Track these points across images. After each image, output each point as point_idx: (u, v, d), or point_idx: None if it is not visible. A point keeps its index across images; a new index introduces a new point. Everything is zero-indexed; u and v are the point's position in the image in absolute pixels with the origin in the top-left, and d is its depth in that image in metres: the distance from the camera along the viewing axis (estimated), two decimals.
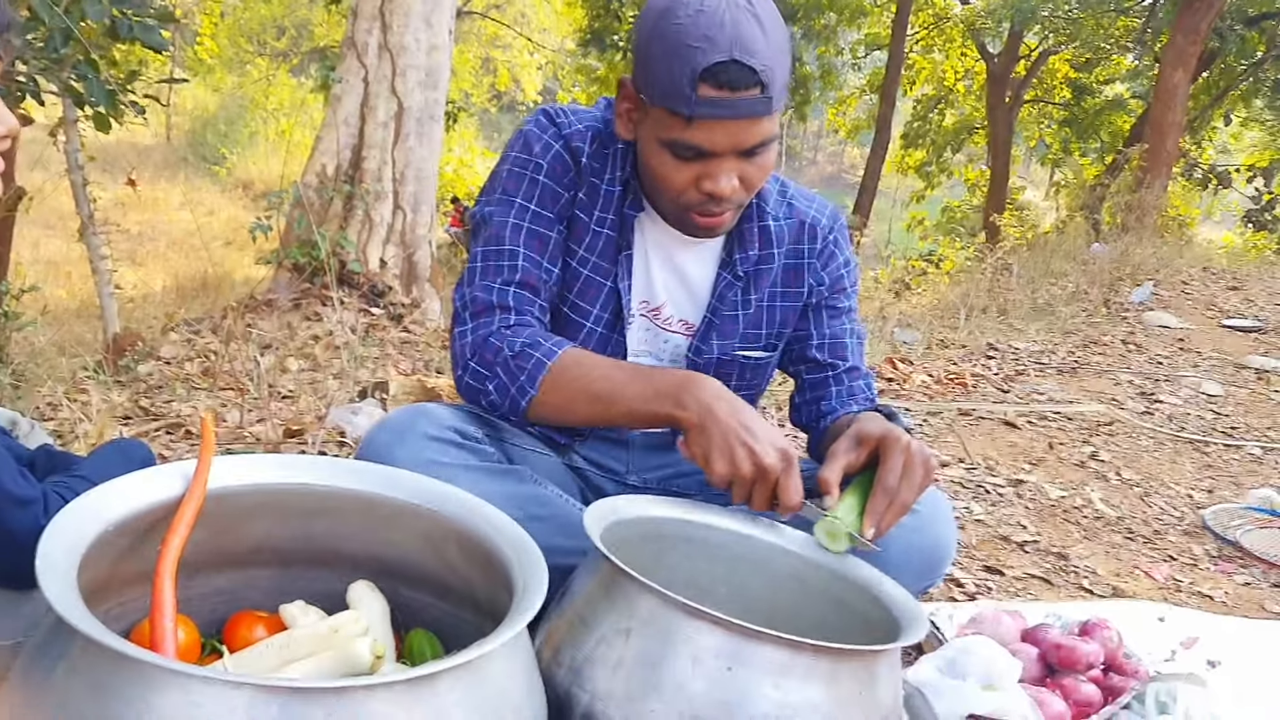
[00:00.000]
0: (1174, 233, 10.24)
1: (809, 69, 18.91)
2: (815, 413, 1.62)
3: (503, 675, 0.90)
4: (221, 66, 24.25)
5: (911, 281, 9.90)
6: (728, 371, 1.59)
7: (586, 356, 1.38)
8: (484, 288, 1.42)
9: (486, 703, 0.86)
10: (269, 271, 5.76)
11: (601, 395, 1.33)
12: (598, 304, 1.51)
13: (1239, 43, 12.57)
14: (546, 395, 1.35)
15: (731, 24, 1.25)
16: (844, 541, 1.25)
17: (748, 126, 1.29)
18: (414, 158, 6.21)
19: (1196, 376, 4.35)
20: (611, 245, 1.50)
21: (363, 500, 1.14)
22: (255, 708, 0.74)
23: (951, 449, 3.04)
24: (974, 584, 2.07)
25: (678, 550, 1.32)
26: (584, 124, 1.49)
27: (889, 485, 1.26)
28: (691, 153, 1.31)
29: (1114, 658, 1.61)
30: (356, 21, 6.06)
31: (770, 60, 1.27)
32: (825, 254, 1.60)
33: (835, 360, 1.61)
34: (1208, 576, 2.25)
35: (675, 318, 1.57)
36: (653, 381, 1.31)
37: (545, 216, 1.46)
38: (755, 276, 1.56)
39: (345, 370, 3.44)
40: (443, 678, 0.82)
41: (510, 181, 1.47)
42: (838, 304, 1.63)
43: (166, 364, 3.71)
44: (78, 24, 3.85)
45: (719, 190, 1.33)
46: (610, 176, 1.48)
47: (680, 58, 1.26)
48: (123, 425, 2.81)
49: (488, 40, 24.60)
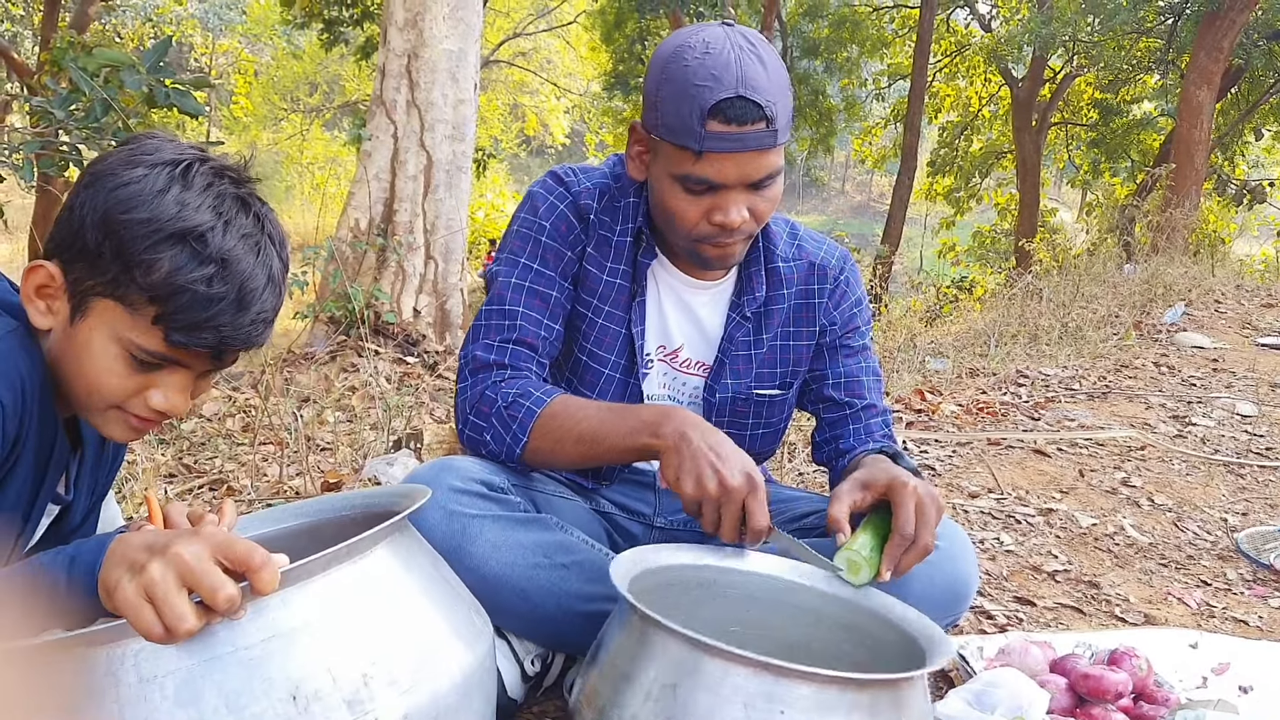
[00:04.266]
0: (1208, 250, 10.14)
1: (833, 101, 19.03)
2: (834, 451, 1.66)
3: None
4: (256, 124, 24.81)
5: (943, 309, 9.88)
6: (743, 410, 1.64)
7: (574, 402, 1.43)
8: (484, 346, 1.49)
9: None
10: (306, 325, 5.88)
11: (586, 436, 1.38)
12: (614, 351, 1.57)
13: (1265, 58, 12.50)
14: (537, 441, 1.42)
15: (737, 64, 1.32)
16: (865, 574, 1.28)
17: (755, 159, 1.36)
18: (444, 209, 6.34)
19: (1230, 397, 4.31)
20: (625, 293, 1.56)
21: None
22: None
23: (981, 479, 3.05)
24: (1005, 615, 2.08)
25: (713, 597, 1.35)
26: (592, 182, 1.57)
27: (906, 533, 1.28)
28: (702, 186, 1.38)
29: (1144, 686, 1.62)
30: (384, 80, 6.21)
31: (774, 96, 1.34)
32: (837, 294, 1.66)
33: (852, 399, 1.66)
34: (1241, 601, 2.24)
35: (692, 360, 1.62)
36: (634, 417, 1.37)
37: (548, 276, 1.53)
38: (766, 316, 1.62)
39: (381, 421, 3.52)
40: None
41: (516, 241, 1.55)
42: (851, 343, 1.68)
43: (208, 420, 3.81)
44: (116, 94, 3.99)
45: (729, 222, 1.39)
46: (621, 229, 1.55)
47: (689, 96, 1.33)
48: (167, 483, 2.89)
49: (515, 87, 25.00)
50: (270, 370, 4.05)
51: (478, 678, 0.99)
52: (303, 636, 0.87)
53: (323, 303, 5.91)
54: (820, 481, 2.97)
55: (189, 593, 0.83)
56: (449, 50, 6.16)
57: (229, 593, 0.82)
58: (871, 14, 18.50)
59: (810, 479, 3.05)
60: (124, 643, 0.83)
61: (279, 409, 3.66)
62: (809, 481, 3.03)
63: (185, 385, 1.09)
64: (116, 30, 14.81)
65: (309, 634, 0.87)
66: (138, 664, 0.83)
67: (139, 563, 0.83)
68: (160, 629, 0.81)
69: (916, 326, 7.43)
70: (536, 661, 1.47)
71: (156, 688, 0.83)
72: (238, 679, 0.84)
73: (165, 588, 0.81)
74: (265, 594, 0.84)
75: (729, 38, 1.35)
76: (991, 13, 18.29)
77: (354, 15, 10.34)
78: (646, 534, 1.68)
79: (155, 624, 0.81)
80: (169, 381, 1.07)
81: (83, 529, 1.28)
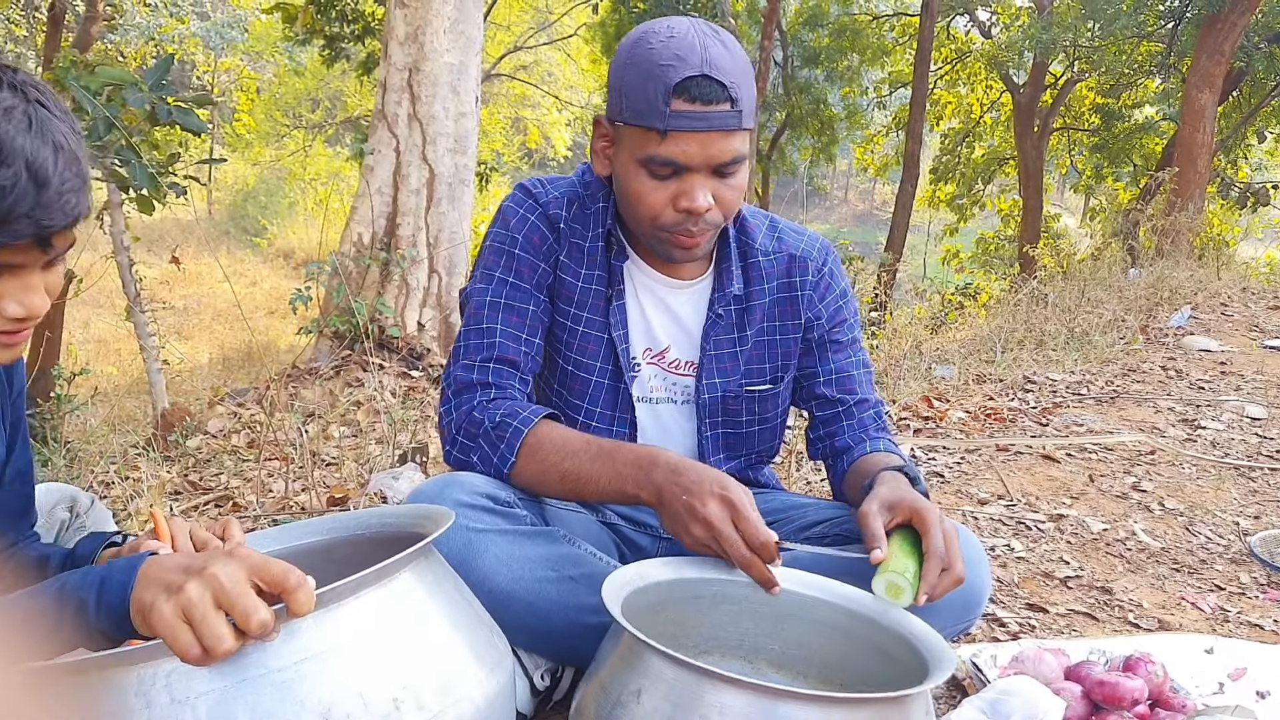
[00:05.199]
0: (1213, 254, 10.11)
1: (834, 110, 19.05)
2: (830, 448, 1.67)
3: None
4: (259, 141, 24.91)
5: (948, 316, 9.87)
6: (735, 407, 1.63)
7: (557, 433, 1.42)
8: (465, 367, 1.49)
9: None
10: (311, 340, 5.88)
11: (569, 475, 1.38)
12: (599, 357, 1.57)
13: (1266, 60, 12.49)
14: (524, 464, 1.41)
15: (701, 46, 1.33)
16: (907, 597, 1.27)
17: (719, 140, 1.35)
18: (447, 222, 6.34)
19: (1239, 400, 4.29)
20: (602, 298, 1.56)
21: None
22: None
23: (990, 486, 3.03)
24: (1017, 623, 2.06)
25: (720, 609, 1.34)
26: (560, 191, 1.57)
27: (941, 555, 1.28)
28: (667, 169, 1.37)
29: (1160, 692, 1.60)
30: (386, 94, 6.22)
31: (738, 79, 1.34)
32: (821, 286, 1.65)
33: (844, 395, 1.66)
34: (1256, 605, 2.22)
35: (681, 360, 1.62)
36: (614, 462, 1.35)
37: (523, 290, 1.52)
38: (748, 312, 1.61)
39: (386, 435, 3.51)
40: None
41: (490, 256, 1.55)
42: (839, 338, 1.67)
43: (214, 437, 3.80)
44: (119, 112, 4.00)
45: (695, 206, 1.38)
46: (593, 234, 1.55)
47: (654, 77, 1.33)
48: (172, 500, 2.88)
49: (517, 100, 25.06)
50: (275, 386, 4.05)
51: (500, 703, 0.99)
52: (334, 659, 0.87)
53: (327, 318, 5.91)
54: (828, 490, 2.95)
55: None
56: (450, 64, 6.17)
57: (262, 618, 0.82)
58: (871, 22, 18.52)
59: (818, 487, 3.03)
60: (156, 663, 0.83)
61: (284, 424, 3.65)
62: (816, 489, 3.01)
63: (33, 284, 1.03)
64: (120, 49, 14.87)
65: (340, 657, 0.87)
66: (170, 685, 0.83)
67: (175, 584, 0.83)
68: (198, 650, 0.81)
69: (922, 333, 7.40)
70: (546, 676, 1.46)
71: (189, 709, 0.83)
72: (270, 701, 0.83)
73: (204, 609, 0.81)
74: (301, 615, 0.84)
75: (693, 25, 1.37)
76: (992, 19, 18.30)
77: (355, 31, 10.37)
78: (654, 545, 1.66)
79: (193, 645, 0.81)
80: (14, 287, 1.02)
81: (12, 464, 1.25)
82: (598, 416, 1.60)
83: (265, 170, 25.20)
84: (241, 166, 25.00)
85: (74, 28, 10.58)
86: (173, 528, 1.21)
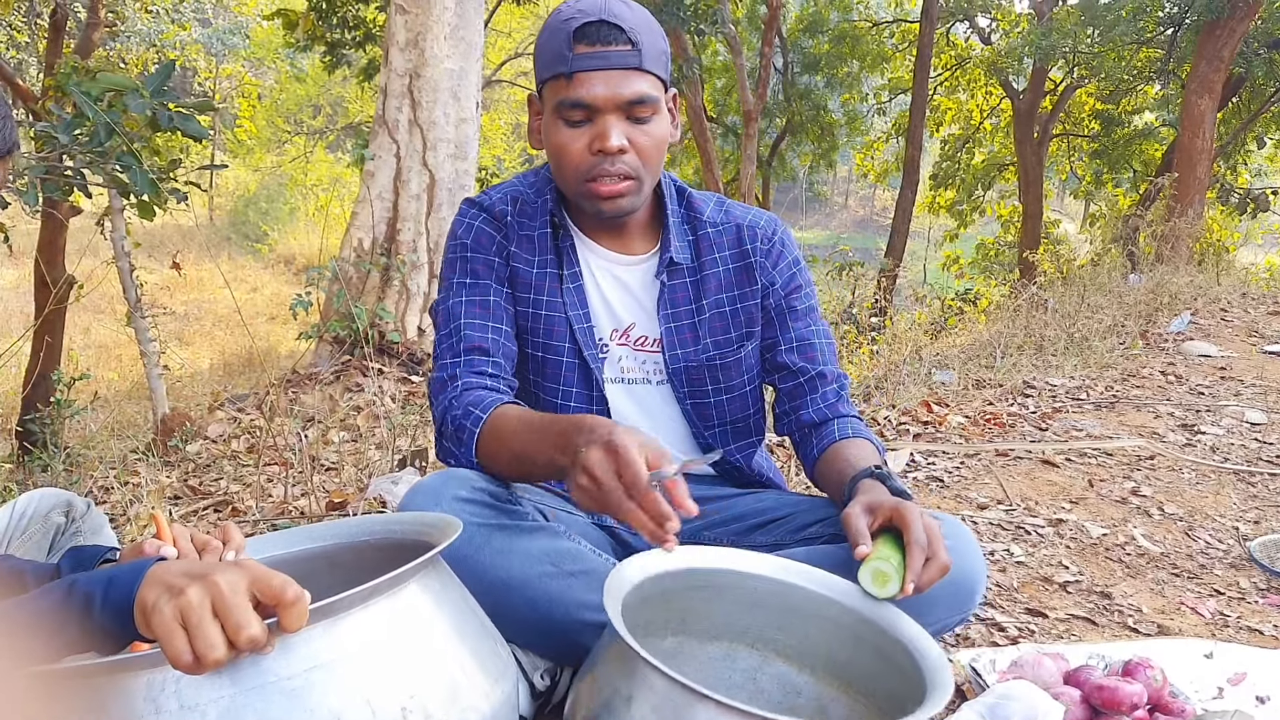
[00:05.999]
0: (1212, 259, 10.13)
1: (834, 116, 19.09)
2: (796, 423, 1.69)
3: None
4: (260, 147, 24.95)
5: (948, 321, 9.87)
6: (699, 377, 1.65)
7: (506, 416, 1.42)
8: (440, 367, 1.54)
9: None
10: (311, 345, 5.89)
11: (518, 455, 1.37)
12: (565, 339, 1.60)
13: (1265, 66, 12.51)
14: (484, 451, 1.43)
15: (603, 3, 1.43)
16: (893, 586, 1.26)
17: (622, 78, 1.43)
18: (447, 227, 6.33)
19: (1239, 405, 4.29)
20: (556, 280, 1.60)
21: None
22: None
23: (990, 490, 3.03)
24: (1016, 627, 2.06)
25: (726, 599, 1.34)
26: (502, 192, 1.65)
27: (922, 543, 1.27)
28: (579, 112, 1.45)
29: (1159, 697, 1.60)
30: (387, 100, 6.23)
31: (637, 26, 1.44)
32: (774, 254, 1.68)
33: (806, 364, 1.67)
34: (1256, 610, 2.21)
35: (647, 338, 1.65)
36: (548, 434, 1.30)
37: (482, 284, 1.58)
38: (702, 283, 1.64)
39: (385, 440, 3.51)
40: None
41: (447, 269, 1.62)
42: (796, 304, 1.69)
43: (213, 442, 3.80)
44: (120, 118, 4.00)
45: (608, 146, 1.44)
46: (540, 222, 1.61)
47: (558, 30, 1.44)
48: (172, 505, 2.88)
49: (518, 106, 25.11)
50: (275, 391, 4.05)
51: (504, 713, 1.00)
52: (343, 668, 0.87)
53: (327, 323, 5.91)
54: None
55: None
56: (450, 70, 6.18)
57: (251, 633, 0.82)
58: (871, 29, 18.57)
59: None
60: (166, 669, 0.83)
61: (284, 429, 3.66)
62: (815, 490, 3.01)
63: None
64: (121, 56, 14.89)
65: (348, 666, 0.87)
66: (179, 691, 0.83)
67: (178, 587, 0.84)
68: (190, 656, 0.81)
69: (922, 339, 7.41)
70: (545, 676, 1.45)
71: (198, 716, 0.83)
72: (279, 709, 0.84)
73: (201, 615, 0.82)
74: (292, 631, 0.85)
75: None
76: (991, 26, 18.33)
77: (356, 37, 10.39)
78: (648, 546, 1.66)
79: (185, 651, 0.81)
80: None
81: None
82: (574, 397, 1.63)
83: (266, 176, 25.23)
84: (243, 172, 25.04)
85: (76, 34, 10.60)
86: (174, 531, 1.21)
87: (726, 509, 1.68)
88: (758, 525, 1.64)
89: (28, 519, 1.45)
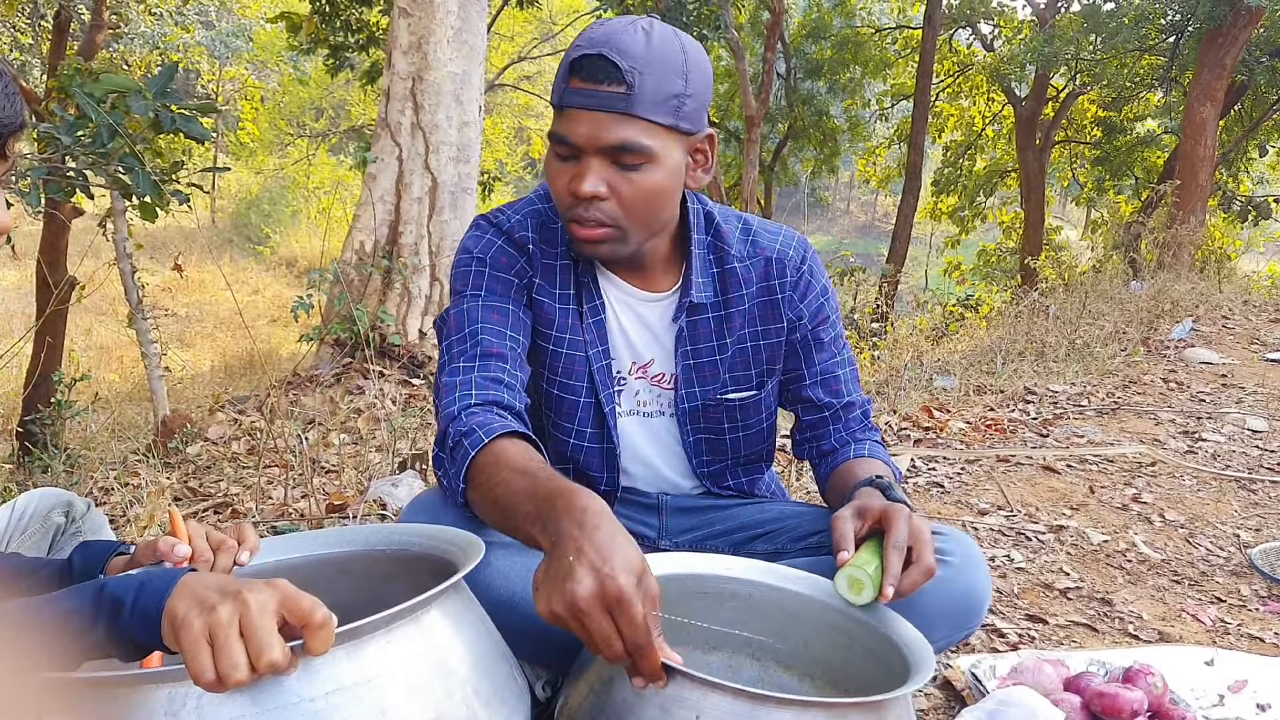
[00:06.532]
0: (1214, 267, 10.13)
1: (837, 122, 19.11)
2: (816, 450, 1.66)
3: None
4: (263, 149, 24.96)
5: (950, 327, 9.87)
6: (715, 415, 1.61)
7: (500, 455, 1.25)
8: (450, 370, 1.42)
9: None
10: (312, 348, 5.89)
11: (501, 503, 1.19)
12: (584, 379, 1.55)
13: (1268, 74, 12.52)
14: (472, 493, 1.28)
15: (615, 32, 1.31)
16: (868, 592, 1.25)
17: (606, 121, 1.31)
18: (449, 230, 6.34)
19: (1240, 413, 4.29)
20: (578, 318, 1.53)
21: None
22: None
23: (991, 496, 3.02)
24: (1016, 633, 2.06)
25: (726, 606, 1.34)
26: (522, 213, 1.54)
27: (900, 545, 1.25)
28: (564, 148, 1.35)
29: (1159, 704, 1.60)
30: (389, 103, 6.24)
31: (642, 66, 1.30)
32: (801, 285, 1.60)
33: (831, 399, 1.63)
34: (1257, 617, 2.21)
35: (665, 374, 1.60)
36: (534, 496, 1.13)
37: (499, 296, 1.48)
38: (726, 320, 1.57)
39: (386, 443, 3.51)
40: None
41: (459, 282, 1.51)
42: (823, 336, 1.64)
43: (214, 444, 3.80)
44: (123, 119, 4.01)
45: (579, 188, 1.34)
46: (561, 251, 1.53)
47: (566, 57, 1.35)
48: (172, 507, 2.88)
49: (520, 110, 25.15)
50: (275, 393, 4.05)
51: None
52: (364, 691, 0.87)
53: (328, 325, 5.92)
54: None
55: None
56: (453, 73, 6.19)
57: (272, 658, 0.81)
58: (874, 35, 18.59)
59: (819, 496, 3.03)
60: (187, 684, 0.82)
61: (284, 432, 3.65)
62: (816, 498, 3.01)
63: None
64: (124, 58, 14.91)
65: (370, 690, 0.87)
66: (200, 707, 0.83)
67: (210, 602, 0.83)
68: (212, 674, 0.80)
69: (923, 344, 7.41)
70: (547, 687, 1.45)
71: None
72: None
73: (228, 633, 0.81)
74: (318, 654, 0.84)
75: (635, 18, 1.34)
76: (994, 33, 18.36)
77: (359, 41, 10.39)
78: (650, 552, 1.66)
79: (209, 668, 0.80)
80: None
81: None
82: (588, 437, 1.58)
83: (269, 178, 25.26)
84: (245, 175, 25.07)
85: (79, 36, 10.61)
86: (190, 529, 1.21)
87: (728, 518, 1.67)
88: (759, 534, 1.63)
89: (28, 519, 1.45)
